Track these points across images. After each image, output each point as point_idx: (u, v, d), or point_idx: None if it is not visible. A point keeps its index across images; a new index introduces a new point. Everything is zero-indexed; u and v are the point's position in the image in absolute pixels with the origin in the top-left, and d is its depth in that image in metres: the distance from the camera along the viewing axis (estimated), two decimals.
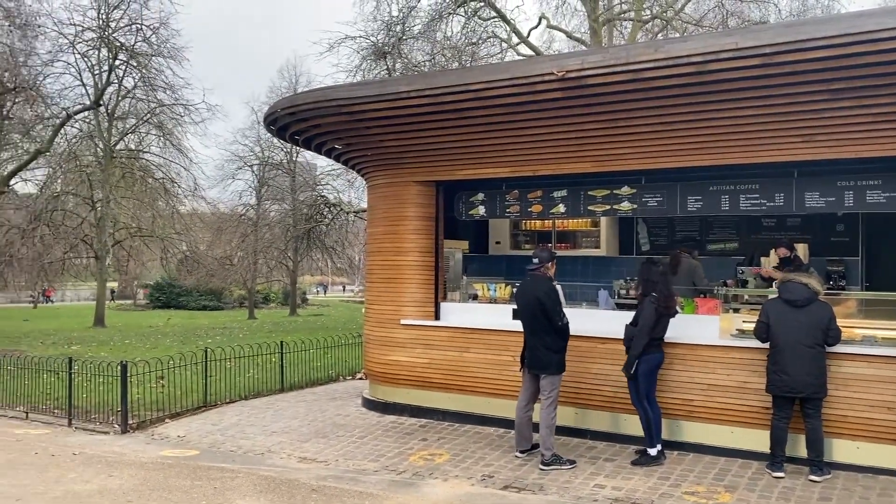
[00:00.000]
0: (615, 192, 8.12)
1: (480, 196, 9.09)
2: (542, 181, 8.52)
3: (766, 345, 6.31)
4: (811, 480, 6.04)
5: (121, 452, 7.48)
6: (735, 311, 7.72)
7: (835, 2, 21.78)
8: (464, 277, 9.64)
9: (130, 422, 8.71)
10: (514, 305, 7.51)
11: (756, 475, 6.25)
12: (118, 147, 30.70)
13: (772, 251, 8.40)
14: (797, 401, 6.15)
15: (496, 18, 23.66)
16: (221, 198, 39.16)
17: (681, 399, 7.04)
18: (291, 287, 39.88)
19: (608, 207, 8.24)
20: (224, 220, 37.80)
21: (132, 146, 32.49)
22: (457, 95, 7.23)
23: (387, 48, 23.53)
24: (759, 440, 6.50)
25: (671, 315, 6.74)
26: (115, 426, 8.71)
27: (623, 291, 9.09)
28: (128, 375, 8.72)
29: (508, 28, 23.55)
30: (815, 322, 6.08)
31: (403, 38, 23.57)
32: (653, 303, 6.58)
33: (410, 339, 8.76)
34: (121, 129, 31.17)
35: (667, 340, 6.82)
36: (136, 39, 27.98)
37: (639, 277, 6.96)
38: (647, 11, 22.91)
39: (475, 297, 9.09)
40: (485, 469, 6.62)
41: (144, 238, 31.90)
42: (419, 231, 8.91)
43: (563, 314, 6.80)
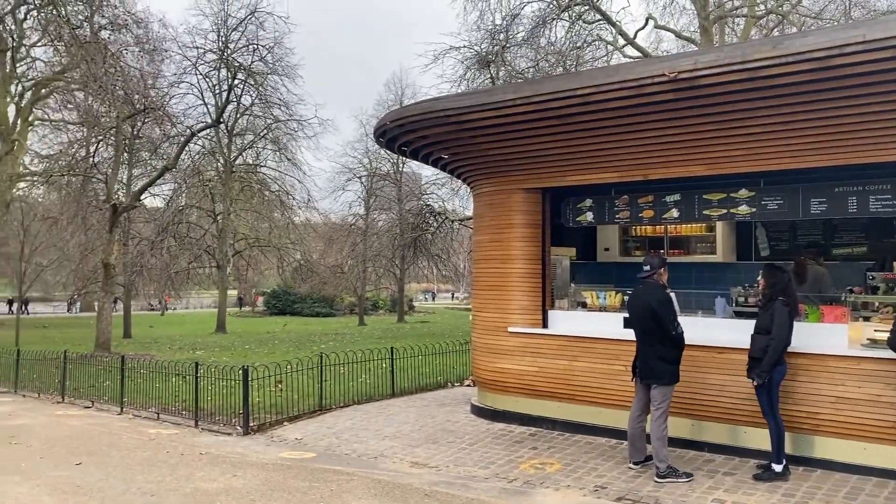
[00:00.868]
0: (732, 196, 7.78)
1: (588, 202, 8.95)
2: (654, 185, 8.29)
3: None
4: None
5: (243, 453, 7.86)
6: (865, 320, 7.22)
7: None
8: (571, 285, 9.52)
9: (251, 424, 9.12)
10: (626, 314, 7.34)
11: (893, 495, 5.82)
12: (237, 162, 32.37)
13: None
14: None
15: (601, 21, 23.29)
16: (332, 208, 40.62)
17: (806, 412, 6.65)
18: (399, 294, 40.66)
19: (724, 211, 7.91)
20: (335, 230, 39.12)
21: (249, 161, 34.24)
22: (564, 101, 7.17)
23: (490, 57, 23.65)
24: None
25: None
26: (238, 428, 9.15)
27: (741, 299, 8.68)
28: (249, 380, 9.15)
29: (614, 30, 23.11)
30: None
31: (507, 46, 23.62)
32: (786, 306, 6.28)
33: (518, 347, 8.73)
34: (240, 145, 32.87)
35: (789, 350, 6.47)
36: (253, 59, 29.48)
37: (764, 282, 6.63)
38: (762, 6, 21.91)
39: (584, 306, 8.95)
40: (597, 480, 6.50)
41: (262, 248, 33.42)
42: (526, 238, 8.88)
43: (677, 323, 6.59)
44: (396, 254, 34.41)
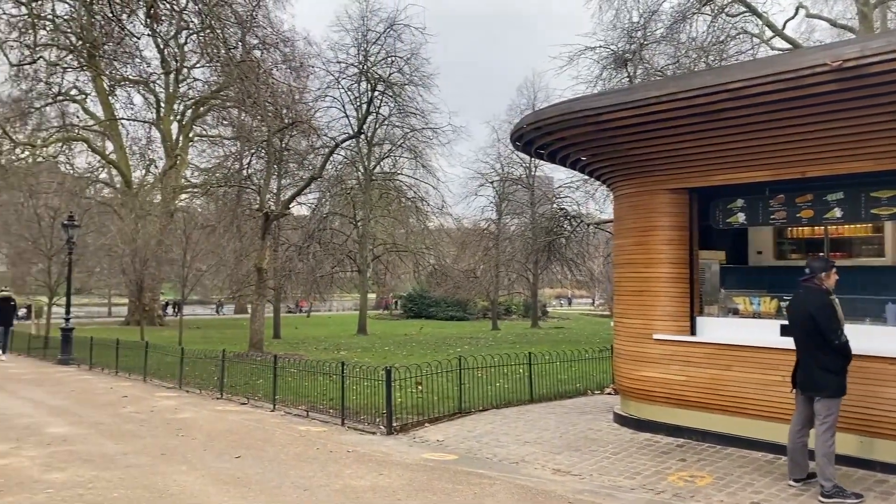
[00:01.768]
0: None
1: (740, 202, 8.48)
2: (812, 184, 7.72)
3: None
4: None
5: (387, 453, 8.07)
6: None
7: None
8: (721, 290, 9.04)
9: (394, 424, 9.35)
10: (785, 321, 6.88)
11: None
12: (376, 170, 33.50)
13: None
14: None
15: (746, 13, 22.13)
16: (465, 213, 41.15)
17: None
18: (532, 299, 40.45)
19: (895, 210, 7.24)
20: (468, 235, 39.58)
21: (387, 169, 35.37)
22: (712, 97, 6.84)
23: (627, 55, 23.06)
24: None
25: None
26: (381, 427, 9.41)
27: None
28: (392, 381, 9.40)
29: (760, 22, 21.88)
30: None
31: (645, 44, 22.94)
32: None
33: (664, 355, 8.40)
34: (378, 154, 34.01)
35: None
36: (391, 71, 30.41)
37: None
38: None
39: (735, 312, 8.48)
40: (753, 496, 6.12)
41: (399, 252, 34.38)
42: (671, 241, 8.54)
43: (841, 331, 6.08)
44: (529, 258, 34.28)
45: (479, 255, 38.52)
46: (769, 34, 22.12)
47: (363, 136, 31.48)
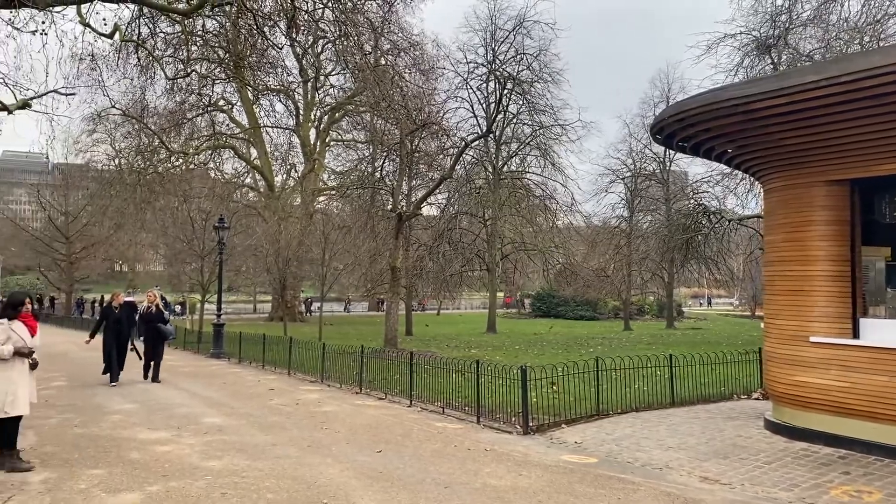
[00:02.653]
0: None
1: None
2: None
3: None
4: None
5: (525, 453, 8.01)
6: None
7: None
8: (888, 290, 8.28)
9: (531, 424, 9.27)
10: None
11: None
12: (504, 169, 33.51)
13: None
14: None
15: None
16: (595, 211, 40.31)
17: None
18: (668, 299, 39.02)
19: None
20: (598, 233, 38.73)
21: (514, 167, 35.28)
22: (880, 78, 6.28)
23: (771, 41, 21.73)
24: None
25: None
26: (517, 427, 9.35)
27: None
28: (528, 380, 9.32)
29: None
30: None
31: (790, 28, 21.52)
32: None
33: (822, 359, 7.80)
34: (506, 153, 34.00)
35: None
36: (519, 68, 30.29)
37: None
38: None
39: None
40: None
41: (528, 251, 34.19)
42: (828, 237, 7.93)
43: None
44: (665, 257, 33.04)
45: (610, 254, 37.59)
46: None
47: (491, 136, 31.57)
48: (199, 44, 31.73)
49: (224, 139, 42.90)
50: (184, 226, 34.13)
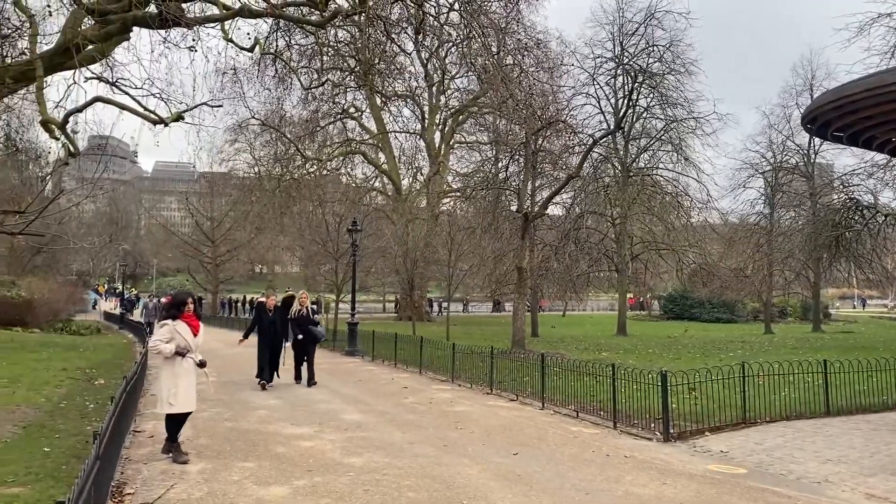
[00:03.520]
0: None
1: None
2: None
3: None
4: None
5: (667, 461, 7.67)
6: None
7: None
8: None
9: (671, 431, 8.88)
10: None
11: None
12: (633, 165, 32.55)
13: None
14: None
15: None
16: (732, 207, 38.36)
17: None
18: (814, 300, 36.52)
19: None
20: (735, 231, 36.82)
21: (642, 164, 34.16)
22: None
23: None
24: None
25: None
26: (657, 433, 9.00)
27: None
28: (668, 385, 8.93)
29: None
30: None
31: None
32: None
33: None
34: (636, 149, 33.02)
35: None
36: (649, 61, 29.33)
37: None
38: None
39: None
40: None
41: (659, 251, 33.04)
42: None
43: None
44: (811, 255, 30.89)
45: (749, 253, 35.58)
46: None
47: (620, 131, 30.76)
48: (331, 54, 33.08)
49: (354, 145, 44.45)
50: (318, 229, 35.62)
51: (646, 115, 32.05)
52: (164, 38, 15.27)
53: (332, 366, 17.94)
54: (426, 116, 45.37)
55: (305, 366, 14.25)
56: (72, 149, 11.30)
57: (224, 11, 15.91)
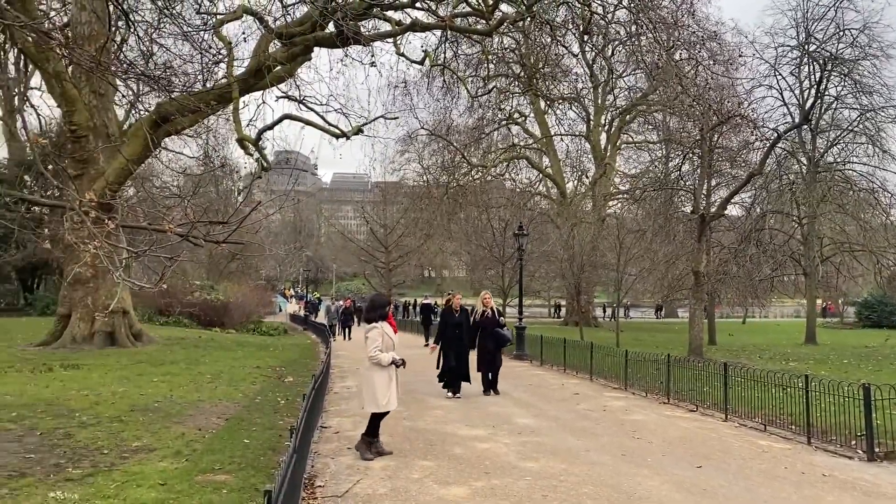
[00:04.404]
0: None
1: None
2: None
3: None
4: None
5: (874, 482, 6.98)
6: None
7: None
8: None
9: (876, 450, 8.08)
10: None
11: None
12: (821, 160, 30.04)
13: None
14: None
15: None
16: None
17: None
18: None
19: None
20: None
21: (830, 158, 31.40)
22: None
23: None
24: None
25: None
26: (859, 452, 8.22)
27: None
28: (872, 399, 8.13)
29: None
30: None
31: None
32: None
33: None
34: (825, 142, 30.45)
35: None
36: (838, 46, 26.95)
37: None
38: None
39: None
40: None
41: (854, 252, 30.19)
42: None
43: None
44: None
45: None
46: None
47: (807, 124, 28.47)
48: (496, 61, 33.52)
49: (519, 150, 44.67)
50: (484, 234, 36.12)
51: (836, 106, 29.39)
52: (344, 55, 16.23)
53: (503, 369, 18.04)
54: (591, 118, 44.63)
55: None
56: (265, 164, 12.31)
57: (396, 27, 16.70)
